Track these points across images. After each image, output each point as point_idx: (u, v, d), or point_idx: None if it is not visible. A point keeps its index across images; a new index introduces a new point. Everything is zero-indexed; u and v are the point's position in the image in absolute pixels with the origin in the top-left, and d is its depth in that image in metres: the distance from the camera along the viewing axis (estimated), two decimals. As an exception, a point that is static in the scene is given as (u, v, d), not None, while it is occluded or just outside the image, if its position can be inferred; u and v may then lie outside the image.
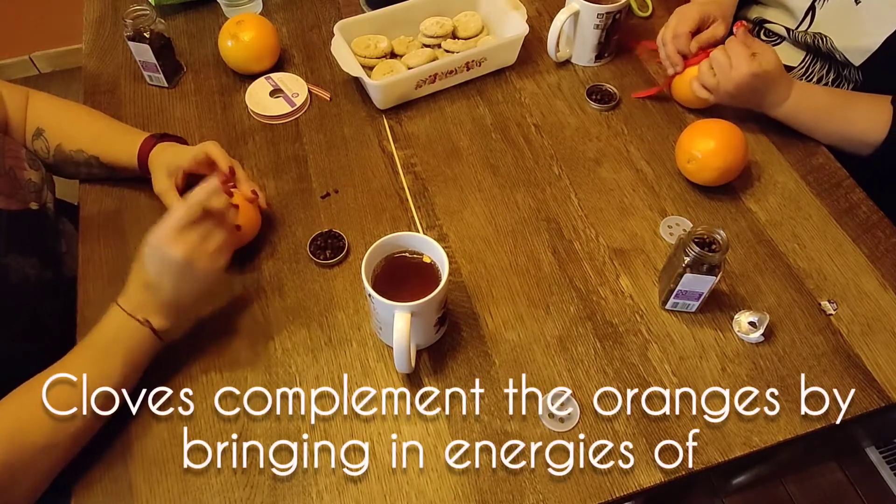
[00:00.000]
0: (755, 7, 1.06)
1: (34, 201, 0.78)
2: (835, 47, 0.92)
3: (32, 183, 0.79)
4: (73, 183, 0.89)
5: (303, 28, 1.07)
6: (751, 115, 0.93)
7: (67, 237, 0.86)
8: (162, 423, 0.68)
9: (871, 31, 0.88)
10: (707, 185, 0.85)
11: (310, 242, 0.81)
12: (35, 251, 0.77)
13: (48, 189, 0.83)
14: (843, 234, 0.82)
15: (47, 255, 0.79)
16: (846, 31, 0.90)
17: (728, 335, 0.74)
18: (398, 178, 0.88)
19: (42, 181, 0.81)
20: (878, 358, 0.72)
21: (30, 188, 0.78)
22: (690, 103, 0.94)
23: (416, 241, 0.70)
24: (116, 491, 0.64)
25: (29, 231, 0.77)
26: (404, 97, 0.95)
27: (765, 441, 0.67)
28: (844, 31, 0.91)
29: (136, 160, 0.82)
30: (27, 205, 0.77)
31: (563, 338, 0.74)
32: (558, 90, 0.98)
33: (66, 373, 0.64)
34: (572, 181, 0.88)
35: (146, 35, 0.92)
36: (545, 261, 0.80)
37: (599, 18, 0.94)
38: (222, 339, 0.74)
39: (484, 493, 0.64)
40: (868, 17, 0.89)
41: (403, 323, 0.63)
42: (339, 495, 0.64)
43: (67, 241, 0.86)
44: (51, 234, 0.82)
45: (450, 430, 0.68)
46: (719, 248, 0.68)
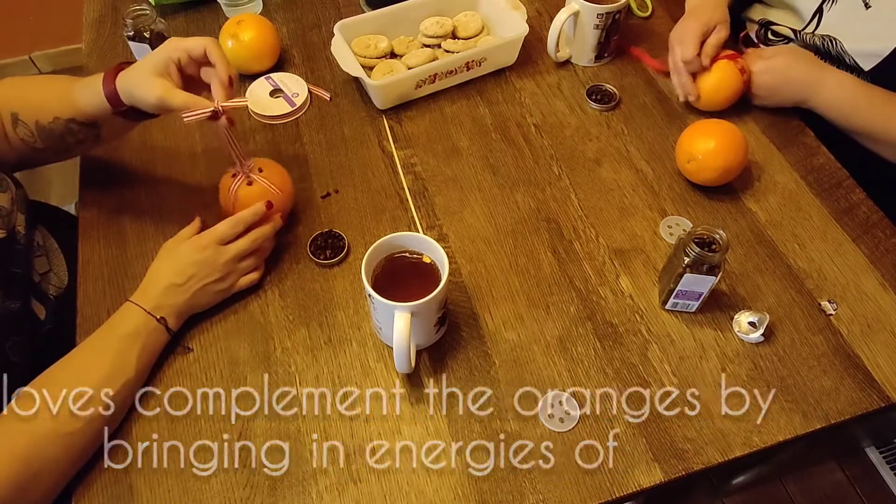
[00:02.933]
0: (758, 7, 1.05)
1: (2, 228, 0.72)
2: (844, 51, 0.90)
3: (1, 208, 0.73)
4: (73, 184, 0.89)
5: (303, 28, 1.07)
6: (751, 115, 0.94)
7: (49, 253, 0.83)
8: (162, 422, 0.68)
9: (881, 36, 0.86)
10: (707, 185, 0.85)
11: (310, 242, 0.81)
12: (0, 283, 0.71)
13: (19, 210, 0.76)
14: (843, 234, 0.82)
15: (14, 286, 0.73)
16: (856, 35, 0.89)
17: (728, 335, 0.74)
18: (398, 178, 0.88)
19: (11, 203, 0.74)
20: (878, 358, 0.72)
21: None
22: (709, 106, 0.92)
23: (416, 241, 0.70)
24: (117, 492, 0.64)
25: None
26: (404, 97, 0.95)
27: (765, 441, 0.67)
28: (854, 35, 0.89)
29: (105, 99, 0.70)
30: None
31: (563, 338, 0.74)
32: (558, 90, 0.98)
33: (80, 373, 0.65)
34: (572, 181, 0.88)
35: (146, 35, 0.92)
36: (545, 261, 0.80)
37: (599, 18, 0.94)
38: (222, 338, 0.74)
39: (484, 493, 0.64)
40: (879, 22, 0.87)
41: (403, 323, 0.63)
42: (339, 495, 0.64)
43: (49, 257, 0.82)
44: (20, 261, 0.76)
45: (450, 430, 0.68)
46: (719, 248, 0.68)
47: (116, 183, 0.87)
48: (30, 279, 0.79)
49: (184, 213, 0.84)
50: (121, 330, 0.67)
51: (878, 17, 0.87)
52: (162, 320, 0.68)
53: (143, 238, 0.82)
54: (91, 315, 0.75)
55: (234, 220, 0.72)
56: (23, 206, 0.79)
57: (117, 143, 0.91)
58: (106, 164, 0.90)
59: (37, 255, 0.81)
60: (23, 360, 0.72)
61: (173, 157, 0.90)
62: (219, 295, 0.73)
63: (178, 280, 0.69)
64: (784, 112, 0.93)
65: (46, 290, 0.81)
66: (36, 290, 0.79)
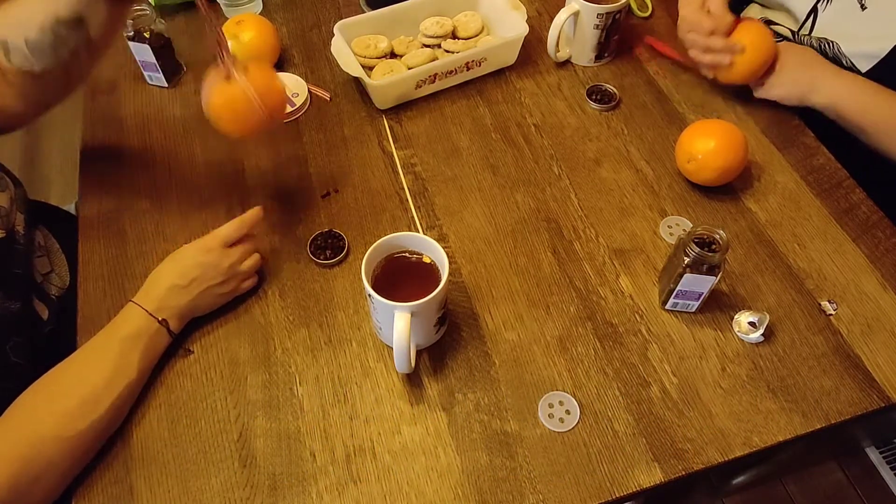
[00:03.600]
0: (755, 6, 1.05)
1: (0, 228, 0.73)
2: (842, 52, 0.90)
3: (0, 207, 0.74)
4: (73, 184, 0.89)
5: (303, 28, 1.07)
6: (751, 115, 0.94)
7: (50, 254, 0.83)
8: (162, 423, 0.68)
9: (878, 37, 0.86)
10: (707, 185, 0.85)
11: (310, 242, 0.81)
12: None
13: (18, 210, 0.77)
14: (843, 234, 0.82)
15: (15, 286, 0.74)
16: (852, 37, 0.89)
17: (728, 335, 0.74)
18: (398, 178, 0.88)
19: (10, 203, 0.75)
20: (878, 358, 0.72)
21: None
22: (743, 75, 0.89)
23: (416, 241, 0.70)
24: (117, 493, 0.64)
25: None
26: (404, 97, 0.95)
27: (765, 441, 0.67)
28: (850, 37, 0.89)
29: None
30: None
31: (563, 338, 0.74)
32: (558, 90, 0.98)
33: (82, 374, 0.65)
34: (572, 181, 0.88)
35: (146, 35, 0.92)
36: (545, 261, 0.80)
37: (599, 18, 0.94)
38: (222, 338, 0.74)
39: (484, 493, 0.64)
40: (875, 23, 0.87)
41: (403, 323, 0.63)
42: (339, 495, 0.64)
43: (50, 257, 0.82)
44: (20, 261, 0.77)
45: (450, 430, 0.68)
46: (719, 248, 0.68)
47: (116, 183, 0.87)
48: (31, 279, 0.79)
49: (183, 214, 0.84)
50: (122, 331, 0.67)
51: (875, 17, 0.87)
52: (164, 322, 0.68)
53: (143, 238, 0.82)
54: (91, 315, 0.75)
55: (238, 223, 0.72)
56: (22, 206, 0.79)
57: (117, 143, 0.91)
58: (106, 165, 0.90)
59: (38, 255, 0.81)
60: (25, 360, 0.72)
61: (173, 157, 0.90)
62: (221, 298, 0.73)
63: (182, 282, 0.69)
64: (784, 112, 0.93)
65: (49, 291, 0.81)
66: (38, 290, 0.79)
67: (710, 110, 0.95)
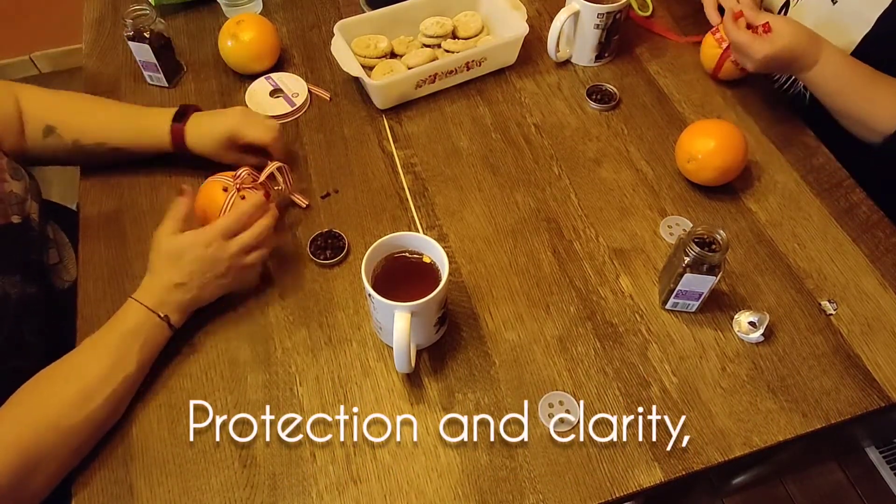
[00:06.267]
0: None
1: (16, 214, 0.74)
2: None
3: (14, 195, 0.75)
4: (73, 184, 0.89)
5: (303, 28, 1.07)
6: (751, 115, 0.94)
7: (60, 246, 0.84)
8: (162, 423, 0.68)
9: (849, 30, 0.87)
10: (707, 185, 0.85)
11: (310, 242, 0.81)
12: (18, 267, 0.73)
13: (32, 199, 0.79)
14: (843, 234, 0.82)
15: (31, 270, 0.76)
16: (824, 31, 0.87)
17: (728, 335, 0.74)
18: (398, 178, 0.88)
19: (25, 191, 0.77)
20: (878, 358, 0.72)
21: (11, 201, 0.74)
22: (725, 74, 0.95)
23: (416, 241, 0.70)
24: (117, 493, 0.64)
25: (10, 247, 0.73)
26: (404, 97, 0.95)
27: (765, 441, 0.67)
28: (822, 31, 0.88)
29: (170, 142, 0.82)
30: (9, 219, 0.74)
31: (563, 338, 0.74)
32: (558, 90, 0.98)
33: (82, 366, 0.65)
34: (572, 181, 0.87)
35: (146, 35, 0.92)
36: (545, 261, 0.80)
37: (599, 18, 0.94)
38: (222, 338, 0.74)
39: (484, 493, 0.64)
40: (846, 16, 0.88)
41: (403, 323, 0.63)
42: (339, 495, 0.64)
43: (60, 250, 0.83)
44: (35, 246, 0.79)
45: (450, 430, 0.68)
46: (719, 248, 0.68)
47: (116, 183, 0.87)
48: (46, 266, 0.81)
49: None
50: (122, 327, 0.67)
51: (845, 11, 0.88)
52: (165, 318, 0.68)
53: (143, 238, 0.82)
54: (91, 315, 0.75)
55: (237, 214, 0.72)
56: (37, 196, 0.81)
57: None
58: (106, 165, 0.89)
59: (49, 247, 0.83)
60: (38, 340, 0.74)
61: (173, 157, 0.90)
62: (223, 288, 0.73)
63: (183, 279, 0.69)
64: (784, 112, 0.93)
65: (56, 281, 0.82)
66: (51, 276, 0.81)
67: (710, 110, 0.95)
